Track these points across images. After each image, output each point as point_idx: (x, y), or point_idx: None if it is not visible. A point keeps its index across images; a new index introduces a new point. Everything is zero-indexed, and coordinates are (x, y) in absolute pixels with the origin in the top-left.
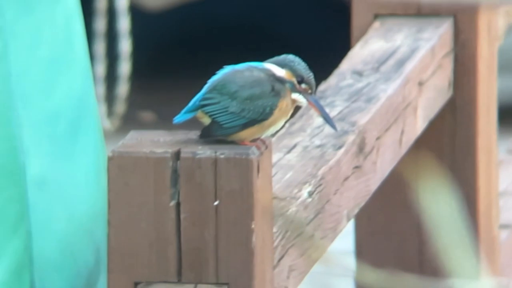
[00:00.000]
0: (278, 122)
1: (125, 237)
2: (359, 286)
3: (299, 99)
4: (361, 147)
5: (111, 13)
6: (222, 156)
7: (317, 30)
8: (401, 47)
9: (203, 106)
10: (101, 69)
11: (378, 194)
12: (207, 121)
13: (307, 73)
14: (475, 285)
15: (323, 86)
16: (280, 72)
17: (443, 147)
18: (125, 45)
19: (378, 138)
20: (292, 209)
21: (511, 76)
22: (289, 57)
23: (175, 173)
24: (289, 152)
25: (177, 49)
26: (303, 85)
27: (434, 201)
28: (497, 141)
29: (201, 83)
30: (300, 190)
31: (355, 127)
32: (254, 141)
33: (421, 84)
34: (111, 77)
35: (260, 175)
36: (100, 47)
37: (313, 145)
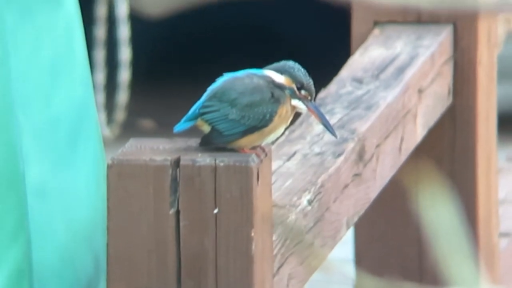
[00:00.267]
0: (278, 129)
1: (124, 244)
2: None
3: (299, 105)
4: (360, 154)
5: (111, 20)
6: (222, 164)
7: (318, 37)
8: (401, 55)
9: (202, 114)
10: (101, 76)
11: (377, 202)
12: (207, 129)
13: (306, 79)
14: None
15: (322, 94)
16: (280, 78)
17: (442, 154)
18: (125, 53)
19: (377, 146)
20: (292, 217)
21: (510, 84)
22: (289, 63)
23: (174, 180)
24: (288, 160)
25: (177, 57)
26: (302, 92)
27: (433, 208)
28: (496, 148)
29: (200, 90)
30: (299, 198)
31: (354, 135)
32: (254, 148)
33: (420, 91)
34: (111, 85)
35: (259, 182)
36: (100, 54)
37: (312, 152)
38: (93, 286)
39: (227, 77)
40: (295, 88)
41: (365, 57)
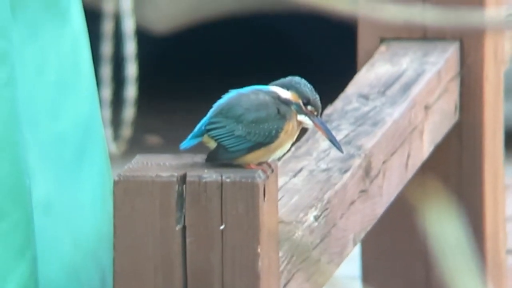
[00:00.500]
0: (284, 145)
1: (130, 261)
2: None
3: (305, 121)
4: (367, 171)
5: (118, 36)
6: (228, 180)
7: (325, 53)
8: (407, 71)
9: (209, 131)
10: (107, 92)
11: (384, 218)
12: (213, 145)
13: (313, 95)
14: None
15: (329, 110)
16: (286, 94)
17: (449, 171)
18: (131, 69)
19: (384, 162)
20: (298, 233)
21: None
22: (295, 79)
23: (181, 197)
24: (295, 176)
25: (183, 73)
26: (309, 107)
27: (440, 225)
28: (503, 165)
29: (207, 106)
30: (306, 214)
31: (361, 151)
32: (260, 164)
33: (427, 108)
34: (117, 101)
35: (266, 199)
36: (107, 70)
37: (319, 169)
38: None
39: (233, 93)
40: (301, 104)
41: (372, 73)
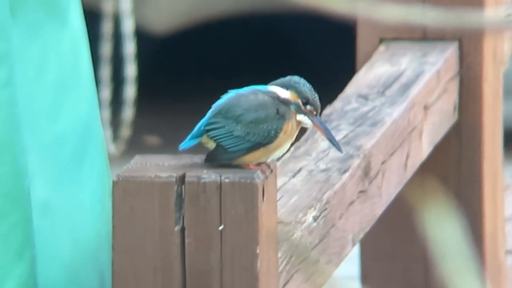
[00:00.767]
0: (283, 145)
1: (129, 261)
2: None
3: (304, 120)
4: (366, 171)
5: (117, 37)
6: (227, 180)
7: (324, 53)
8: (406, 71)
9: (208, 131)
10: (106, 93)
11: (383, 219)
12: (212, 145)
13: (312, 94)
14: None
15: (328, 110)
16: (285, 94)
17: (448, 171)
18: (130, 69)
19: (383, 162)
20: (297, 233)
21: None
22: (294, 78)
23: (180, 197)
24: (294, 176)
25: (182, 73)
26: (308, 107)
27: (439, 226)
28: (502, 165)
29: (206, 106)
30: (305, 215)
31: (360, 151)
32: (259, 165)
33: (426, 108)
34: (116, 101)
35: (265, 199)
36: (106, 71)
37: (318, 169)
38: None
39: (232, 93)
40: (301, 103)
41: (371, 73)
